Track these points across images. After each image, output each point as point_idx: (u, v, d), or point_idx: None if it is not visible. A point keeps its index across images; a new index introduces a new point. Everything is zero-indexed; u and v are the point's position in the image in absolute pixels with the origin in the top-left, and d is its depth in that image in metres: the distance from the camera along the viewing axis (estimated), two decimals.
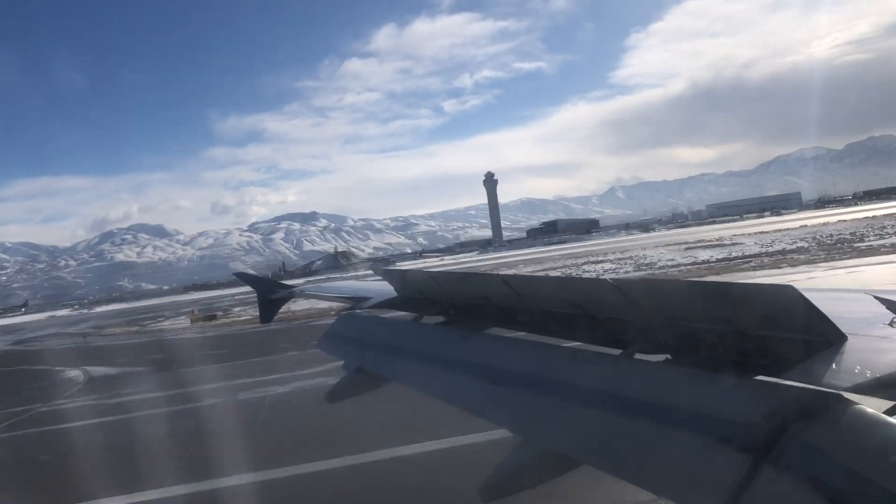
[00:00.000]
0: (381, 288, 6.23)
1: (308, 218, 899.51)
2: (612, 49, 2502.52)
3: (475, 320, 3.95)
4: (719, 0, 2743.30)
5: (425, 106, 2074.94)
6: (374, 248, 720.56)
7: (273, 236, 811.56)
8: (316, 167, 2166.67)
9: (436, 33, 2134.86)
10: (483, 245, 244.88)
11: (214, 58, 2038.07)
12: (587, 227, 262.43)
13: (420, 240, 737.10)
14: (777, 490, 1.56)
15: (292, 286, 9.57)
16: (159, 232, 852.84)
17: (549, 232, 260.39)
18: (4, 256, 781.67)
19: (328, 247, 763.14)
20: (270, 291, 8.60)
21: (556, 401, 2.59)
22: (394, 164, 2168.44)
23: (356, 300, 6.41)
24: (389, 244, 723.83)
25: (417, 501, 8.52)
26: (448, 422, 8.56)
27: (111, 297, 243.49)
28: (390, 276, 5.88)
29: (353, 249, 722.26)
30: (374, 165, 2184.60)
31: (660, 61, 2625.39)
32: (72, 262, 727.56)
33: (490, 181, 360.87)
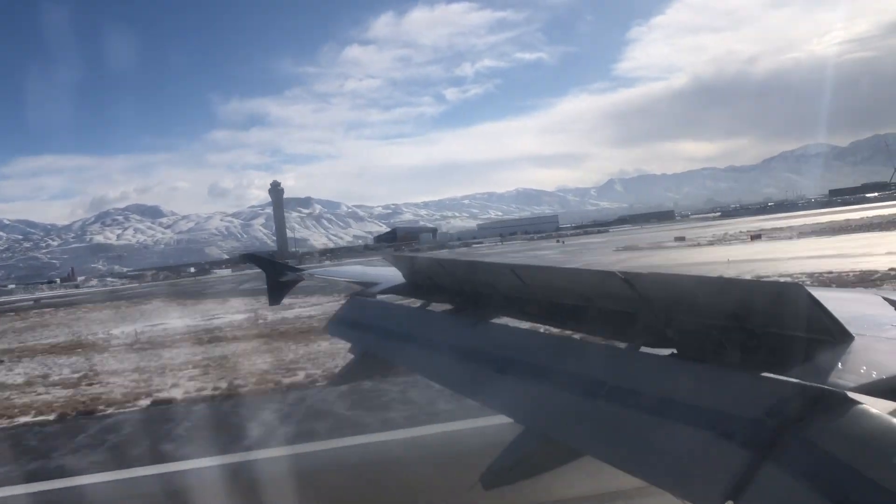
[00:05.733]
0: (390, 273, 6.23)
1: (302, 203, 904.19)
2: (614, 41, 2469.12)
3: (482, 309, 3.90)
4: None
5: (427, 94, 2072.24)
6: (354, 236, 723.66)
7: (253, 222, 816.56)
8: (320, 152, 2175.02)
9: (434, 21, 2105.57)
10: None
11: (216, 40, 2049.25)
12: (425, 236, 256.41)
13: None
14: (779, 487, 1.56)
15: (301, 269, 9.92)
16: (154, 213, 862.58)
17: (389, 240, 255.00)
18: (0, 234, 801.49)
19: (307, 234, 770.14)
20: (280, 274, 8.75)
21: (561, 391, 2.60)
22: (396, 151, 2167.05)
23: (364, 285, 6.45)
24: (370, 233, 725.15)
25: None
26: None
27: None
28: (399, 262, 5.89)
29: (332, 237, 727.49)
30: (377, 152, 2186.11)
31: (662, 55, 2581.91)
32: (53, 242, 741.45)
33: (275, 190, 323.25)
